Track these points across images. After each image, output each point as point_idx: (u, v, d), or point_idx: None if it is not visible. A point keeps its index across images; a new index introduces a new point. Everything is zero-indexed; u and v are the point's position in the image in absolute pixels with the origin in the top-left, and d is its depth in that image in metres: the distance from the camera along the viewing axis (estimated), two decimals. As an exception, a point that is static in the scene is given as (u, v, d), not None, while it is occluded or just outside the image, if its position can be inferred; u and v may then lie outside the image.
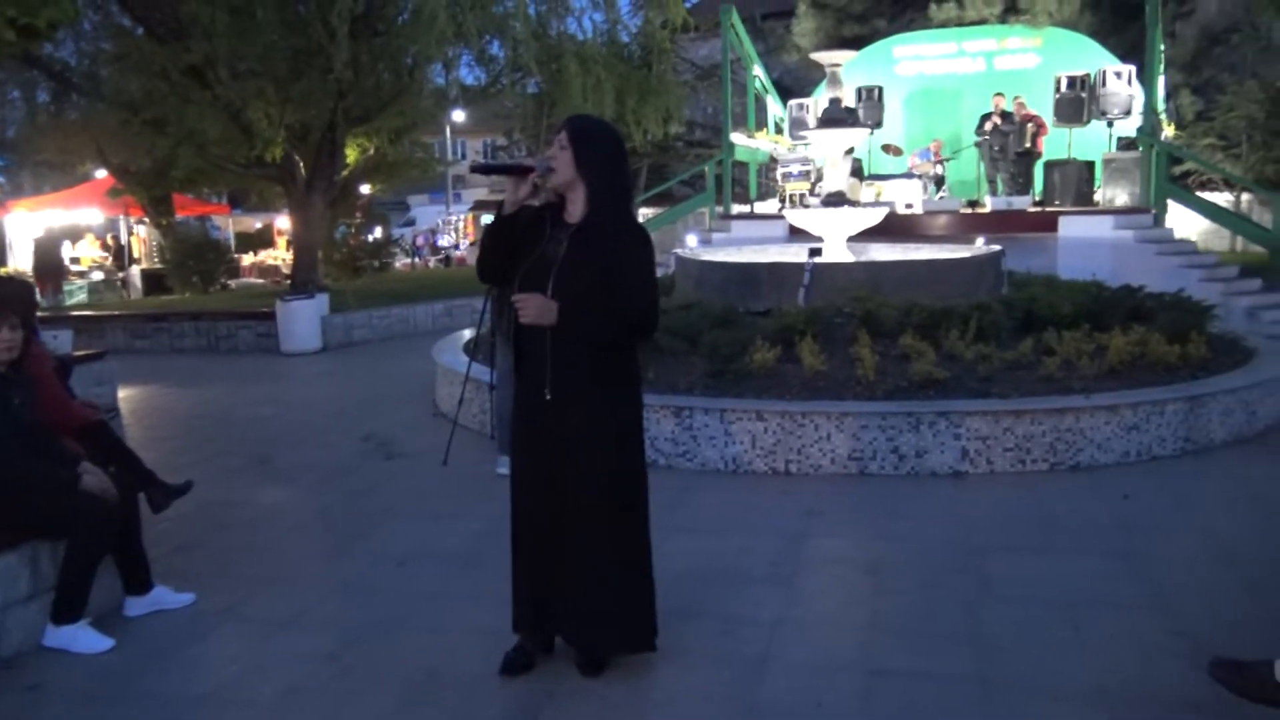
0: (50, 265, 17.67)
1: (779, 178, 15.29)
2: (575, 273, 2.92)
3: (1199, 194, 15.65)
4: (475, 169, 3.38)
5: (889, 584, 3.92)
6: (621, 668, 3.19)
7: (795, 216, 9.76)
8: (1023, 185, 14.19)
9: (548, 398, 2.95)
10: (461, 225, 32.25)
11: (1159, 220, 12.79)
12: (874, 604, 3.73)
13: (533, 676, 3.16)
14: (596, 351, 2.98)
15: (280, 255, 21.49)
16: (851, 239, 9.17)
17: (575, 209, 3.02)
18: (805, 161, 14.79)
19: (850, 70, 14.26)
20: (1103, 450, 5.49)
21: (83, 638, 3.44)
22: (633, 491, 3.13)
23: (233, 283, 18.99)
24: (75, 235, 21.31)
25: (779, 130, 17.55)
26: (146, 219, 20.57)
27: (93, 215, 20.97)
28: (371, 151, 15.58)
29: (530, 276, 2.97)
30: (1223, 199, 17.82)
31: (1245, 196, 18.46)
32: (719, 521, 4.76)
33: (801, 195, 14.03)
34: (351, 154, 15.24)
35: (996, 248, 8.47)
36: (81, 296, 18.39)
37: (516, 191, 2.99)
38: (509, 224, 3.03)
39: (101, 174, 19.84)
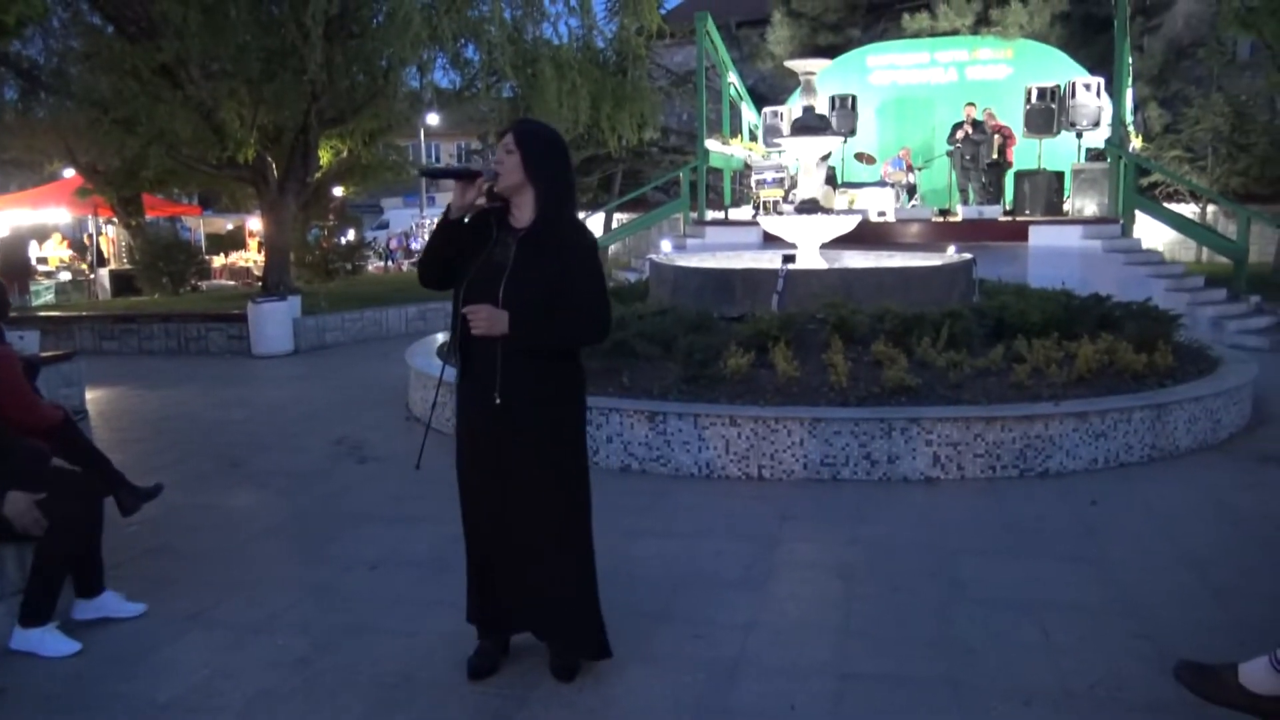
0: (16, 265, 17.44)
1: (753, 184, 15.36)
2: (526, 279, 2.93)
3: (1166, 205, 15.90)
4: (424, 173, 3.33)
5: (861, 588, 3.95)
6: (593, 672, 3.19)
7: (769, 223, 9.81)
8: (993, 194, 14.35)
9: (498, 402, 2.96)
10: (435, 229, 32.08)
11: (1126, 230, 12.98)
12: (846, 608, 3.76)
13: (504, 681, 3.15)
14: (546, 355, 3.01)
15: (252, 257, 21.32)
16: (825, 246, 9.23)
17: (522, 213, 3.01)
18: (779, 169, 14.87)
19: (824, 79, 14.37)
20: (1071, 457, 5.56)
21: (49, 641, 3.40)
22: (580, 491, 3.15)
23: (203, 284, 18.81)
24: (42, 235, 21.03)
25: (753, 137, 17.64)
26: (115, 219, 20.34)
27: (60, 215, 20.70)
28: (345, 154, 15.51)
29: (479, 283, 2.96)
30: (1189, 210, 18.12)
31: (1211, 208, 18.77)
32: (692, 526, 4.77)
33: (775, 202, 14.11)
34: (325, 156, 15.16)
35: (968, 256, 8.56)
36: (49, 297, 18.15)
37: (463, 196, 2.97)
38: (454, 229, 3.02)
39: (70, 173, 19.59)
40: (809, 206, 9.25)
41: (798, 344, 6.37)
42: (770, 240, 11.30)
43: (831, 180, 14.65)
